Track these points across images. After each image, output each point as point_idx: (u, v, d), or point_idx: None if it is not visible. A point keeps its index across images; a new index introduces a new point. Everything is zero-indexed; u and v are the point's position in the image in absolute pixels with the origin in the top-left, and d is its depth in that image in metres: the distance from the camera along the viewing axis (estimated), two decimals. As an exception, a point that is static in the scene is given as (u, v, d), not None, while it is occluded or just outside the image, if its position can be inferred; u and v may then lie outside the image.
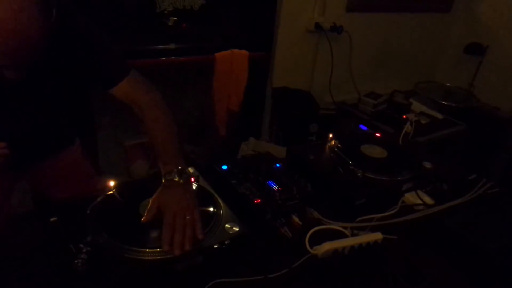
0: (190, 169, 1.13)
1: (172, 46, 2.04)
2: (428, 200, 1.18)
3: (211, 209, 1.00)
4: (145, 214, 0.94)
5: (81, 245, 0.81)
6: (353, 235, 1.00)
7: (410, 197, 1.18)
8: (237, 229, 0.94)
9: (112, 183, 0.99)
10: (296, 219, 1.03)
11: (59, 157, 1.28)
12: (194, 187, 1.03)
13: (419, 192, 1.20)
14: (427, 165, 1.29)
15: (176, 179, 0.97)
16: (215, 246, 0.89)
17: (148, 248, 0.85)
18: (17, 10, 0.77)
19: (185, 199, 0.96)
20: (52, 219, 0.89)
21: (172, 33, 2.03)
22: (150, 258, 0.84)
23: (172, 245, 0.87)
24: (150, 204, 0.95)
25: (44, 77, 1.03)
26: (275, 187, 1.10)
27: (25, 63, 0.88)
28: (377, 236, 0.97)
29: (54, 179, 1.29)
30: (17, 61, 0.86)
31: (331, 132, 1.38)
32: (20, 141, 1.07)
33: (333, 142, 1.34)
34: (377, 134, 1.49)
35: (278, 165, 1.23)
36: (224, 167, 1.20)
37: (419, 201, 1.17)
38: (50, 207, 0.92)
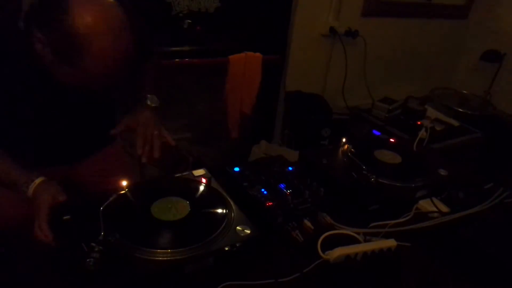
0: (202, 171, 1.13)
1: (186, 48, 2.05)
2: (443, 207, 1.16)
3: (223, 211, 1.00)
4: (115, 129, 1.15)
5: (93, 244, 0.81)
6: (366, 241, 0.98)
7: (425, 204, 1.16)
8: (248, 231, 0.93)
9: (124, 183, 1.00)
10: (308, 223, 1.02)
11: (103, 151, 1.36)
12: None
13: (434, 199, 1.18)
14: (442, 172, 1.26)
15: (149, 103, 1.19)
16: (226, 248, 0.88)
17: (159, 249, 0.85)
18: (123, 33, 0.88)
19: (153, 119, 1.17)
20: (65, 217, 0.89)
21: (186, 35, 2.04)
22: (160, 258, 0.83)
23: (144, 150, 1.09)
24: (122, 121, 1.16)
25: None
26: (287, 191, 1.10)
27: (116, 82, 1.00)
28: (391, 242, 0.95)
29: (97, 173, 1.36)
30: (113, 81, 0.96)
31: (344, 136, 1.36)
32: (72, 136, 1.21)
33: (346, 146, 1.33)
34: (391, 140, 1.47)
35: (290, 168, 1.22)
36: (236, 169, 1.19)
37: (434, 209, 1.15)
38: (63, 205, 0.92)
